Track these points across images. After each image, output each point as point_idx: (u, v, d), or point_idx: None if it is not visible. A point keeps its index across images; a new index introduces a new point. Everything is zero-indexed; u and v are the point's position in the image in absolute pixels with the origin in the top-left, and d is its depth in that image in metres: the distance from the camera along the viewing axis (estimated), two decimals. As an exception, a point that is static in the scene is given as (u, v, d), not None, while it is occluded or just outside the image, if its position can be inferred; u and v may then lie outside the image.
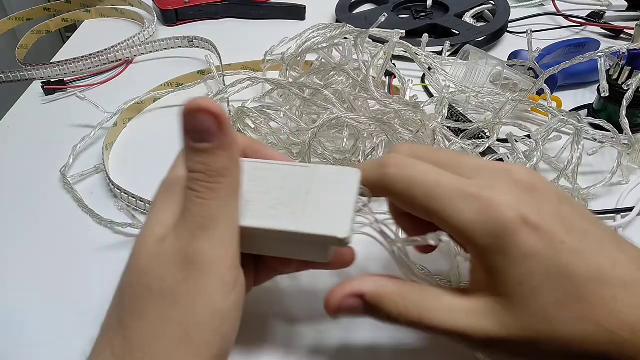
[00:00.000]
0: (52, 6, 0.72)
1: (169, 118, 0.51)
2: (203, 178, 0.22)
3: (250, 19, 0.72)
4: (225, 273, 0.22)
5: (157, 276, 0.22)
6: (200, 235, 0.22)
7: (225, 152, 0.22)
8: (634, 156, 0.41)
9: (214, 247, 0.22)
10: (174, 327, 0.21)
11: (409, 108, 0.40)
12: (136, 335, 0.21)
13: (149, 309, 0.21)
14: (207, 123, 0.21)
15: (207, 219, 0.22)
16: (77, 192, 0.41)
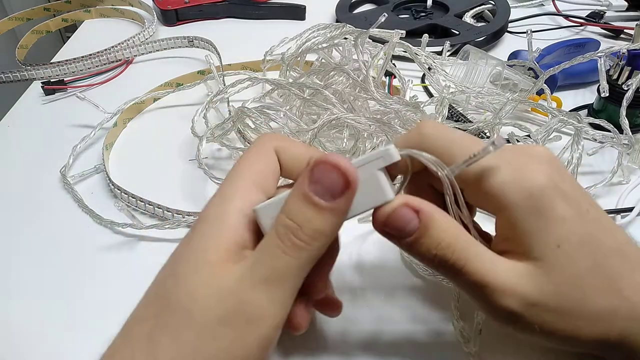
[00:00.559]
0: (52, 6, 0.72)
1: (169, 118, 0.51)
2: (297, 233, 0.21)
3: (250, 19, 0.72)
4: (270, 331, 0.21)
5: (202, 306, 0.21)
6: (264, 287, 0.21)
7: (334, 218, 0.21)
8: (634, 156, 0.41)
9: (270, 305, 0.21)
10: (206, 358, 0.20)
11: (408, 108, 0.40)
12: (164, 355, 0.20)
13: (184, 335, 0.20)
14: (337, 183, 0.21)
15: (277, 274, 0.21)
16: (77, 192, 0.41)
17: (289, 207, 0.21)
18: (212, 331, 0.20)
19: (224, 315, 0.21)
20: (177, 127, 0.49)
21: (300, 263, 0.21)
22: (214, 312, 0.20)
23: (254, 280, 0.21)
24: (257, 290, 0.21)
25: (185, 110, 0.51)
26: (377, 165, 0.22)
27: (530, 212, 0.21)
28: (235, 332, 0.21)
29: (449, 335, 0.30)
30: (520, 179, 0.22)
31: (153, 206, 0.38)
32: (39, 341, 0.31)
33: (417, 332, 0.30)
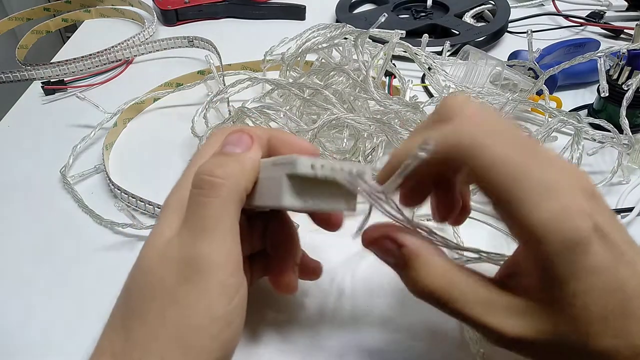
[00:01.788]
0: (52, 6, 0.72)
1: (169, 118, 0.51)
2: (213, 173, 0.23)
3: (250, 19, 0.72)
4: (227, 277, 0.22)
5: (159, 277, 0.22)
6: (201, 237, 0.22)
7: (239, 164, 0.23)
8: (634, 156, 0.41)
9: (215, 249, 0.22)
10: (172, 329, 0.21)
11: (408, 109, 0.40)
12: (136, 335, 0.21)
13: (150, 310, 0.21)
14: (244, 140, 0.25)
15: (208, 220, 0.22)
16: (77, 192, 0.41)
17: (203, 164, 0.24)
18: (172, 295, 0.21)
19: (178, 276, 0.21)
20: (177, 127, 0.49)
21: (224, 202, 0.22)
22: (170, 278, 0.22)
23: (191, 234, 0.22)
24: (197, 242, 0.22)
25: (185, 110, 0.51)
26: (285, 170, 0.23)
27: (560, 260, 0.19)
28: (193, 288, 0.21)
29: (457, 335, 0.30)
30: (562, 223, 0.19)
31: (153, 206, 0.38)
32: (39, 341, 0.31)
33: (424, 332, 0.30)
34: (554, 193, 0.19)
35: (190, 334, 0.21)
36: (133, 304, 0.22)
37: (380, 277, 0.34)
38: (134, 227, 0.37)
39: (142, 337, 0.21)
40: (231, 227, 0.23)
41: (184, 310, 0.21)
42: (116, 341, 0.21)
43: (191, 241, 0.22)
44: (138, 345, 0.21)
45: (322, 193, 0.23)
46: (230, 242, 0.22)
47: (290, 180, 0.22)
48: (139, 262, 0.23)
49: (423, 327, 0.30)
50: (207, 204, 0.22)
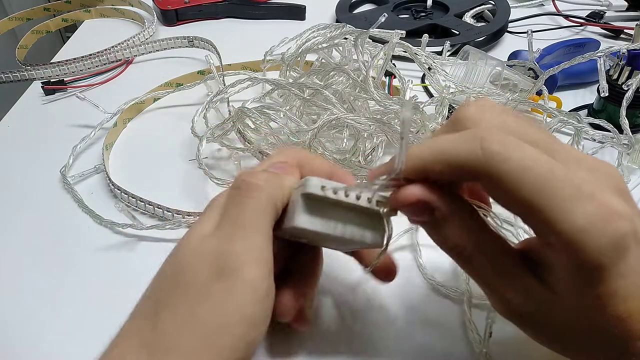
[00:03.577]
0: (52, 6, 0.72)
1: (169, 118, 0.51)
2: (249, 177, 0.24)
3: (250, 19, 0.72)
4: (258, 278, 0.22)
5: (193, 272, 0.22)
6: (237, 236, 0.22)
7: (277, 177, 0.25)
8: (634, 156, 0.41)
9: (249, 249, 0.22)
10: (201, 325, 0.21)
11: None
12: (166, 326, 0.21)
13: (181, 303, 0.22)
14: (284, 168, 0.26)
15: (245, 220, 0.23)
16: (77, 192, 0.41)
17: (244, 171, 0.25)
18: (204, 291, 0.22)
19: (212, 272, 0.22)
20: (177, 127, 0.49)
21: (261, 204, 0.23)
22: (203, 273, 0.22)
23: (227, 232, 0.23)
24: (232, 241, 0.22)
25: (185, 110, 0.51)
26: (301, 190, 0.24)
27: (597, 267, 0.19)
28: (226, 285, 0.21)
29: (461, 335, 0.30)
30: (601, 229, 0.18)
31: (153, 206, 0.38)
32: (38, 340, 0.31)
33: (427, 332, 0.30)
34: (587, 195, 0.18)
35: (218, 332, 0.21)
36: (165, 295, 0.22)
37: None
38: (134, 228, 0.37)
39: (171, 329, 0.21)
40: (266, 230, 0.23)
41: (214, 307, 0.21)
42: (144, 328, 0.22)
43: (227, 239, 0.22)
44: (166, 336, 0.21)
45: (345, 221, 0.24)
46: (264, 245, 0.23)
47: (306, 200, 0.23)
48: (174, 255, 0.24)
49: (426, 327, 0.30)
50: (245, 204, 0.23)
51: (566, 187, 0.18)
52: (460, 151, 0.20)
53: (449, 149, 0.21)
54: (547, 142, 0.21)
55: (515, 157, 0.19)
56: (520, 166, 0.19)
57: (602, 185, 0.19)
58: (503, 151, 0.19)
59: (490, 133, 0.20)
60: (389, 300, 0.32)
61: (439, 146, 0.21)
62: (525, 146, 0.20)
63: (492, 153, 0.19)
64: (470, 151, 0.20)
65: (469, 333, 0.29)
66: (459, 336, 0.30)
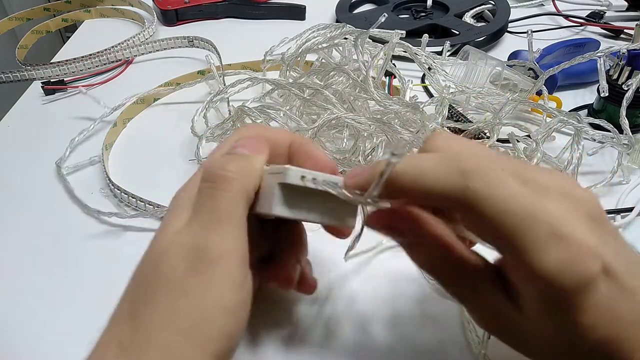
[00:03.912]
0: (52, 6, 0.72)
1: (169, 118, 0.51)
2: (225, 167, 0.24)
3: (250, 19, 0.72)
4: (234, 269, 0.22)
5: (169, 266, 0.22)
6: (211, 228, 0.22)
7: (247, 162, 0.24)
8: (634, 156, 0.41)
9: (224, 241, 0.22)
10: (180, 318, 0.21)
11: (408, 109, 0.40)
12: (144, 324, 0.21)
13: (159, 298, 0.21)
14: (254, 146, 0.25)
15: (219, 212, 0.23)
16: (68, 182, 0.42)
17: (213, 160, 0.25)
18: (181, 285, 0.21)
19: (188, 266, 0.22)
20: (177, 127, 0.49)
21: (234, 196, 0.23)
22: (179, 267, 0.22)
23: (202, 226, 0.23)
24: (207, 233, 0.22)
25: (185, 110, 0.51)
26: (278, 179, 0.23)
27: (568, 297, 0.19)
28: (202, 278, 0.21)
29: (459, 337, 0.30)
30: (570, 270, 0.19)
31: (153, 206, 0.38)
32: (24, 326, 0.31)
33: (426, 333, 0.30)
34: (562, 237, 0.19)
35: (198, 324, 0.21)
36: (142, 293, 0.22)
37: (380, 281, 0.34)
38: (119, 216, 0.37)
39: (149, 326, 0.21)
40: (240, 221, 0.23)
41: (193, 300, 0.21)
42: (123, 330, 0.21)
43: (201, 232, 0.22)
44: (145, 333, 0.21)
45: (317, 206, 0.24)
46: (239, 235, 0.23)
47: (283, 189, 0.23)
48: (148, 253, 0.24)
49: (425, 327, 0.30)
50: (218, 197, 0.23)
51: (543, 229, 0.19)
52: (440, 183, 0.20)
53: (428, 177, 0.20)
54: (521, 171, 0.21)
55: (498, 196, 0.19)
56: (502, 208, 0.19)
57: (578, 219, 0.20)
58: (484, 189, 0.19)
59: (473, 164, 0.20)
60: (388, 300, 0.32)
61: (418, 171, 0.21)
62: (506, 181, 0.20)
63: (474, 190, 0.19)
64: (450, 185, 0.20)
65: (468, 334, 0.29)
66: (458, 337, 0.30)
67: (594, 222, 0.20)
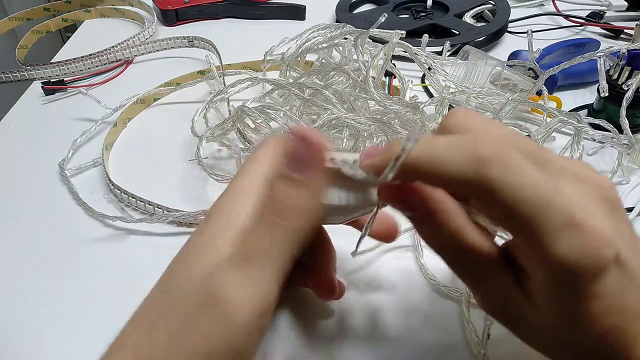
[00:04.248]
0: (52, 6, 0.72)
1: (169, 118, 0.51)
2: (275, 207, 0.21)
3: (250, 19, 0.72)
4: (255, 318, 0.21)
5: (185, 296, 0.21)
6: (236, 270, 0.21)
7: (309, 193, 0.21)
8: (634, 156, 0.41)
9: (247, 287, 0.21)
10: (189, 350, 0.20)
11: (408, 109, 0.40)
12: (160, 341, 0.21)
13: (174, 325, 0.21)
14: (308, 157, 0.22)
15: (253, 253, 0.21)
16: (72, 184, 0.41)
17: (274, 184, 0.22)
18: (193, 317, 0.21)
19: (201, 301, 0.21)
20: (177, 127, 0.49)
21: (278, 240, 0.21)
22: (192, 299, 0.21)
23: (231, 262, 0.21)
24: (231, 272, 0.21)
25: (185, 110, 0.51)
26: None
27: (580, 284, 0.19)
28: (214, 317, 0.20)
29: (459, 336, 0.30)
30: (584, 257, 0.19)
31: (153, 206, 0.38)
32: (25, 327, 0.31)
33: (426, 333, 0.30)
34: (577, 225, 0.19)
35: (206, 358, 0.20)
36: (161, 310, 0.21)
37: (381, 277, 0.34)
38: (123, 220, 0.37)
39: (163, 347, 0.21)
40: (278, 266, 0.21)
41: (203, 337, 0.20)
42: (141, 341, 0.21)
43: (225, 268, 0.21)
44: (159, 352, 0.20)
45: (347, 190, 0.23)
46: (271, 281, 0.21)
47: None
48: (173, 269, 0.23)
49: (425, 327, 0.30)
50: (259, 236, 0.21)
51: (559, 216, 0.19)
52: (454, 169, 0.19)
53: (443, 163, 0.20)
54: (538, 154, 0.21)
55: (514, 185, 0.19)
56: (517, 197, 0.19)
57: (594, 205, 0.20)
58: (500, 178, 0.19)
59: (490, 151, 0.19)
60: (388, 300, 0.32)
61: (432, 156, 0.20)
62: (524, 168, 0.19)
63: (489, 179, 0.19)
64: (465, 172, 0.19)
65: (468, 334, 0.29)
66: (457, 337, 0.30)
67: (609, 208, 0.20)
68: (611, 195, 0.20)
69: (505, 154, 0.19)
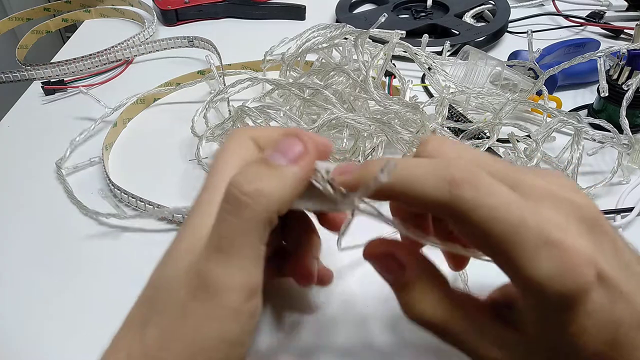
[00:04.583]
0: (52, 6, 0.72)
1: (169, 118, 0.51)
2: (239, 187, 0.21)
3: (250, 19, 0.72)
4: (241, 304, 0.21)
5: (173, 290, 0.21)
6: (218, 259, 0.21)
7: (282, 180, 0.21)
8: (634, 156, 0.41)
9: (230, 273, 0.21)
10: (180, 344, 0.21)
11: (408, 109, 0.40)
12: (151, 343, 0.21)
13: (164, 321, 0.21)
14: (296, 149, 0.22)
15: (228, 241, 0.21)
16: (68, 183, 0.42)
17: (239, 174, 0.21)
18: (182, 310, 0.21)
19: (189, 292, 0.21)
20: (177, 127, 0.49)
21: (247, 225, 0.20)
22: (180, 291, 0.21)
23: (209, 251, 0.21)
24: (212, 261, 0.21)
25: (185, 110, 0.51)
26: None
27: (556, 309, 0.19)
28: (204, 307, 0.21)
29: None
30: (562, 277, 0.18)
31: (153, 206, 0.38)
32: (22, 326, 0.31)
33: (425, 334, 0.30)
34: (554, 244, 0.18)
35: (196, 353, 0.21)
36: (151, 308, 0.22)
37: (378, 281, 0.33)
38: (117, 217, 0.37)
39: (155, 344, 0.21)
40: (252, 252, 0.21)
41: (192, 328, 0.21)
42: (134, 341, 0.21)
43: (206, 258, 0.21)
44: (152, 353, 0.21)
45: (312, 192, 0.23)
46: (250, 267, 0.21)
47: None
48: (160, 266, 0.23)
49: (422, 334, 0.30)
50: (228, 224, 0.21)
51: (534, 236, 0.18)
52: (427, 191, 0.20)
53: (416, 184, 0.20)
54: (512, 176, 0.20)
55: (486, 205, 0.19)
56: (490, 216, 0.19)
57: (570, 224, 0.19)
58: (473, 199, 0.19)
59: (462, 173, 0.19)
60: (386, 301, 0.32)
61: (406, 178, 0.20)
62: (496, 189, 0.19)
63: (461, 200, 0.19)
64: (437, 194, 0.19)
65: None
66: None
67: (587, 226, 0.20)
68: (590, 213, 0.20)
69: (476, 176, 0.19)
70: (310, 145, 0.22)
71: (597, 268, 0.19)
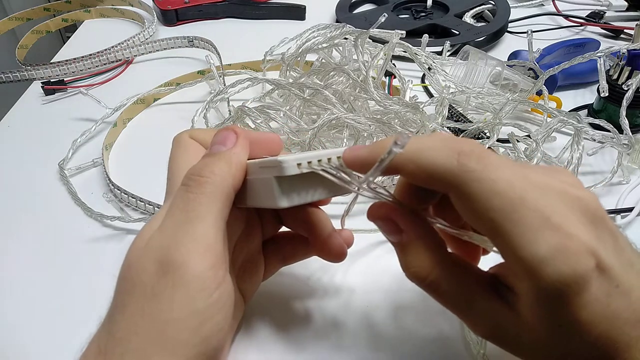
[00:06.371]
0: (52, 6, 0.72)
1: (169, 118, 0.51)
2: (200, 172, 0.23)
3: (250, 19, 0.72)
4: (205, 270, 0.21)
5: (138, 270, 0.22)
6: (181, 230, 0.22)
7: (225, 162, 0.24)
8: (634, 156, 0.41)
9: (194, 242, 0.22)
10: (150, 322, 0.21)
11: (408, 109, 0.40)
12: (118, 329, 0.21)
13: (130, 303, 0.21)
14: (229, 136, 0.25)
15: (189, 214, 0.22)
16: (72, 185, 0.41)
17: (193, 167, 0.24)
18: (151, 288, 0.21)
19: (157, 269, 0.21)
20: (177, 127, 0.48)
21: (207, 197, 0.23)
22: (149, 270, 0.22)
23: (172, 227, 0.22)
24: (176, 235, 0.22)
25: (185, 110, 0.51)
26: (273, 173, 0.23)
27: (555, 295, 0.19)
28: (171, 280, 0.21)
29: (458, 336, 0.30)
30: (561, 261, 0.18)
31: (153, 206, 0.38)
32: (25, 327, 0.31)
33: (425, 333, 0.30)
34: (553, 227, 0.18)
35: (169, 328, 0.21)
36: (117, 298, 0.22)
37: (379, 275, 0.34)
38: (122, 220, 0.37)
39: (123, 331, 0.21)
40: (214, 222, 0.22)
41: (162, 303, 0.21)
42: (102, 334, 0.22)
43: (171, 234, 0.22)
44: (120, 339, 0.21)
45: (317, 182, 0.24)
46: (212, 237, 0.22)
47: (280, 181, 0.23)
48: (126, 255, 0.23)
49: (423, 328, 0.30)
50: (190, 200, 0.23)
51: (534, 217, 0.19)
52: (436, 159, 0.20)
53: (426, 153, 0.21)
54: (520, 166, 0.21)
55: (489, 178, 0.19)
56: (492, 189, 0.19)
57: (572, 214, 0.19)
58: (478, 170, 0.20)
59: (471, 147, 0.20)
60: (387, 300, 0.32)
61: (417, 147, 0.21)
62: (503, 166, 0.20)
63: (467, 170, 0.20)
64: (445, 162, 0.20)
65: (467, 334, 0.29)
66: (456, 337, 0.30)
67: (589, 219, 0.20)
68: (593, 208, 0.20)
69: (485, 151, 0.20)
70: (240, 131, 0.25)
71: (597, 258, 0.19)
